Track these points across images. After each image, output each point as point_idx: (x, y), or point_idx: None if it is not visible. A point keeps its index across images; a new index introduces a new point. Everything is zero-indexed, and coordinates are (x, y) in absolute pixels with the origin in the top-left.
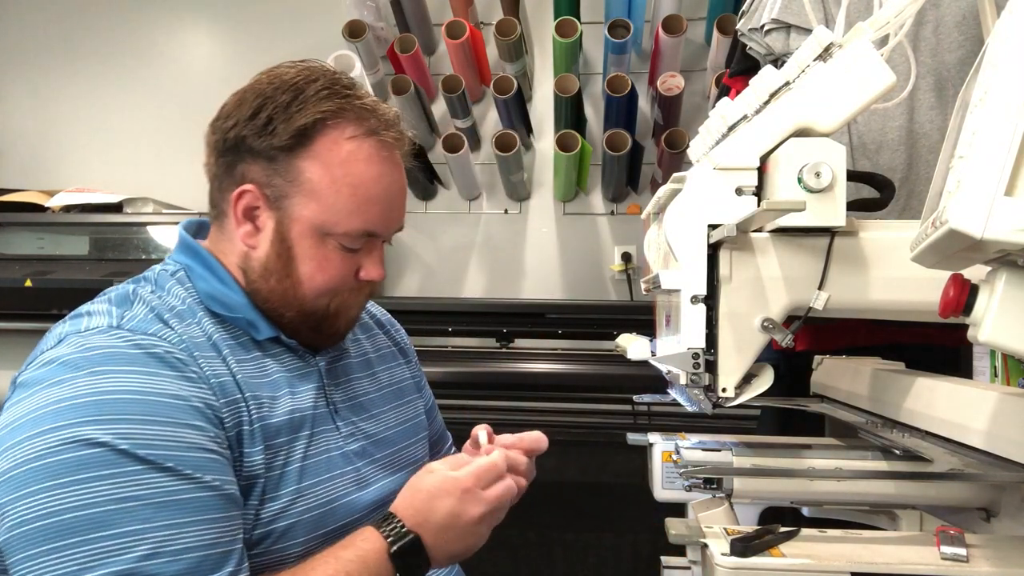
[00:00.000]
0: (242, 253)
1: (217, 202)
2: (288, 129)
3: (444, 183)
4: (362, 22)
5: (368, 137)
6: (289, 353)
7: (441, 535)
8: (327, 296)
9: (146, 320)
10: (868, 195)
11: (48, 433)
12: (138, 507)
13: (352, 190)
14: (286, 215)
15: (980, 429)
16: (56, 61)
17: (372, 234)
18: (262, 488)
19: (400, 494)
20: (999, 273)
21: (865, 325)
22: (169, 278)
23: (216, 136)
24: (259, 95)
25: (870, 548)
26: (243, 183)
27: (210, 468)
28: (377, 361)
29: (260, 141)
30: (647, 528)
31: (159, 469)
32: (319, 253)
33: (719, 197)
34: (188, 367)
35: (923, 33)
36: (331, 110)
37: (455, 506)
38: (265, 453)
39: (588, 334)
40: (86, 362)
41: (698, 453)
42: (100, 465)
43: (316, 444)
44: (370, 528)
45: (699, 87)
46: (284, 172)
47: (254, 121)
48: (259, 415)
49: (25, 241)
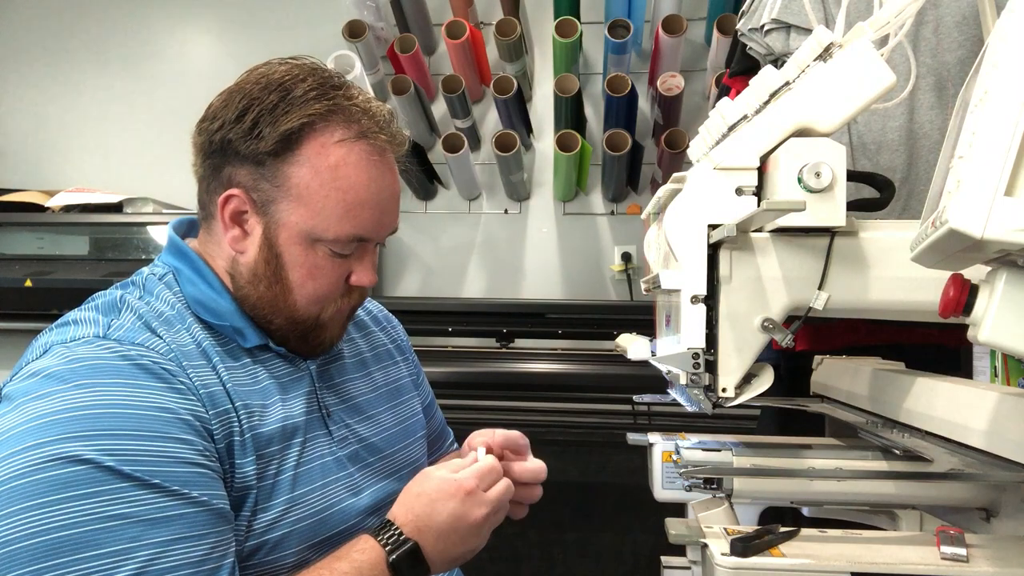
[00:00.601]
0: (230, 257)
1: (205, 204)
2: (274, 133)
3: (444, 183)
4: (362, 22)
5: (358, 141)
6: (279, 359)
7: (442, 540)
8: (318, 304)
9: (134, 329)
10: (868, 195)
11: (32, 450)
12: (125, 525)
13: (341, 195)
14: (273, 220)
15: (980, 429)
16: (56, 61)
17: (363, 239)
18: (254, 499)
19: (398, 499)
20: (999, 273)
21: (865, 325)
22: (158, 282)
23: (202, 138)
24: (245, 96)
25: (870, 548)
26: (230, 187)
27: (198, 483)
28: (372, 360)
29: (246, 145)
30: (647, 528)
31: (146, 486)
32: (308, 260)
33: (719, 197)
34: (176, 378)
35: (923, 33)
36: (319, 112)
37: (457, 509)
38: (257, 463)
39: (588, 334)
40: (71, 374)
41: (698, 453)
42: (86, 483)
43: (309, 451)
44: (366, 537)
45: (699, 87)
46: (271, 177)
47: (240, 124)
48: (250, 424)
49: (25, 241)
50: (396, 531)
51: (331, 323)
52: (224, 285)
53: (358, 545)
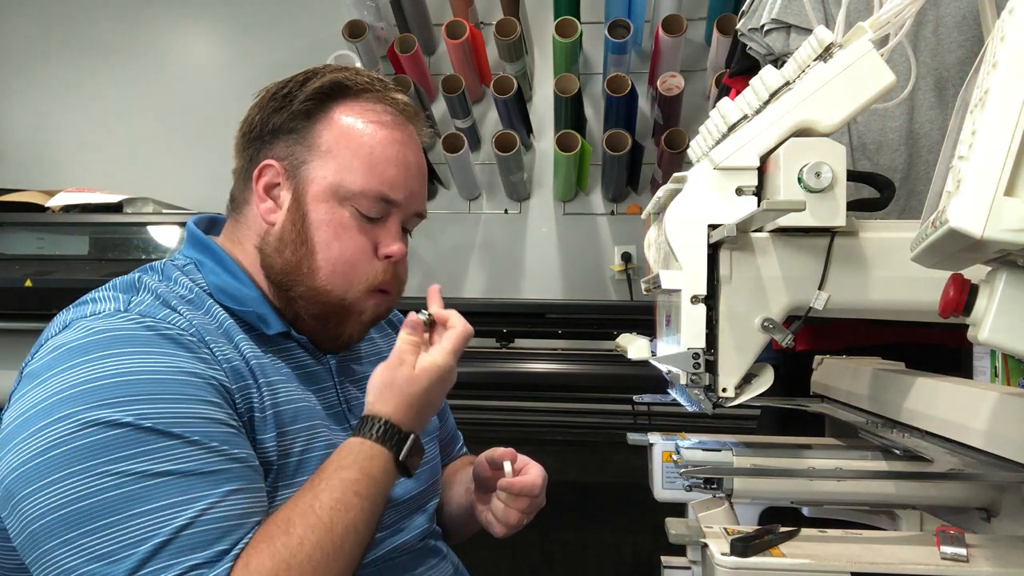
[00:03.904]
0: (261, 232)
1: (239, 192)
2: (306, 91)
3: (444, 183)
4: (362, 22)
5: (383, 105)
6: (300, 349)
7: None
8: (341, 275)
9: (154, 306)
10: (868, 195)
11: (64, 420)
12: (175, 480)
13: (367, 150)
14: (303, 179)
15: (980, 429)
16: (56, 61)
17: (389, 200)
18: (275, 475)
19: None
20: (999, 273)
21: (865, 325)
22: (176, 270)
23: (242, 130)
24: (281, 82)
25: (870, 548)
26: (265, 161)
27: (234, 441)
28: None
29: (281, 115)
30: (647, 528)
31: (188, 443)
32: (335, 218)
33: (719, 197)
34: (200, 349)
35: (923, 33)
36: (348, 76)
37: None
38: (278, 440)
39: (588, 334)
40: (95, 346)
41: (698, 453)
42: (125, 445)
43: (334, 440)
44: (361, 441)
45: (699, 87)
46: (303, 139)
47: (274, 99)
48: (273, 401)
49: (25, 241)
50: (393, 428)
51: (355, 313)
52: (248, 275)
53: (362, 451)
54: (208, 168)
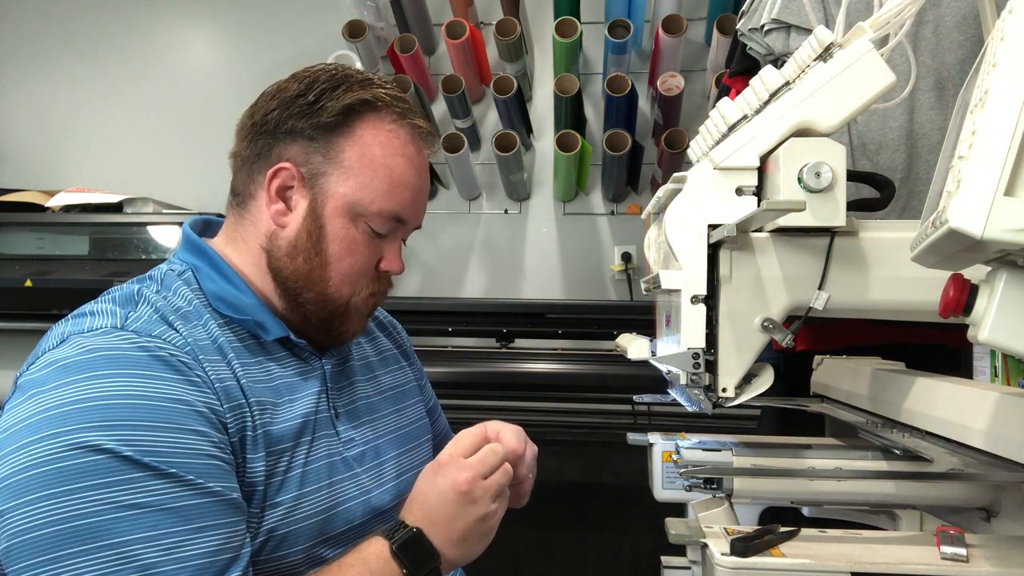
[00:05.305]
0: (268, 232)
1: (244, 186)
2: (337, 106)
3: (444, 183)
4: (362, 22)
5: (406, 127)
6: (294, 357)
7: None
8: (350, 285)
9: (150, 322)
10: (868, 195)
11: (50, 439)
12: (143, 514)
13: (388, 171)
14: (322, 192)
15: (980, 429)
16: (56, 61)
17: (400, 219)
18: (262, 495)
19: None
20: (999, 273)
21: (865, 325)
22: (176, 278)
23: (254, 119)
24: (307, 77)
25: (870, 548)
26: (280, 162)
27: (213, 475)
28: (379, 364)
29: (304, 120)
30: (647, 528)
31: (163, 476)
32: (349, 234)
33: (719, 197)
34: (192, 371)
35: (923, 33)
36: (376, 95)
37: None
38: (267, 460)
39: (588, 334)
40: (88, 365)
41: (698, 453)
42: (103, 472)
43: (317, 449)
44: (376, 535)
45: (699, 87)
46: (324, 151)
47: (302, 99)
48: (262, 421)
49: (25, 241)
50: (400, 523)
51: (356, 313)
52: (245, 280)
53: (367, 539)
54: (208, 168)
